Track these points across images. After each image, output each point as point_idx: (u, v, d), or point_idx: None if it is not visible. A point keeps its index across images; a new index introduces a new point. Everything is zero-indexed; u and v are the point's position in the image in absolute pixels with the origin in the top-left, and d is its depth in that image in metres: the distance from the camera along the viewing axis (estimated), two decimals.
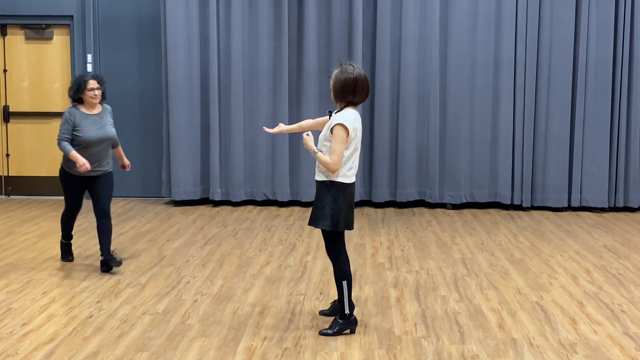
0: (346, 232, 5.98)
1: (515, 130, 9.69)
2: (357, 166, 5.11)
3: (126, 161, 6.94)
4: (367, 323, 5.29)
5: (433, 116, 9.68)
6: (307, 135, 5.07)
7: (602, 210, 9.75)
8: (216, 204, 9.99)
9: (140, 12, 10.17)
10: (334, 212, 4.98)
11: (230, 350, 4.81)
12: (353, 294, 5.97)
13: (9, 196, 10.46)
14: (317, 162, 5.03)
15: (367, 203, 10.02)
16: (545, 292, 6.12)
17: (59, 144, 6.45)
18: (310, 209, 9.66)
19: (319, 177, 5.05)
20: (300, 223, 8.84)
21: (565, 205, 9.75)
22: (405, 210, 9.74)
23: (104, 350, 4.79)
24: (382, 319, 5.42)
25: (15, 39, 10.32)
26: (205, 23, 9.75)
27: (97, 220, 6.60)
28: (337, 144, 4.91)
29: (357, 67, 5.00)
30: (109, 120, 6.65)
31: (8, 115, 10.37)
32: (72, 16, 10.11)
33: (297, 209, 9.76)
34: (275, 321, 5.37)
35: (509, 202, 9.78)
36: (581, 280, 6.47)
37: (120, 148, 6.90)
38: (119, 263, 6.57)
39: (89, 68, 10.09)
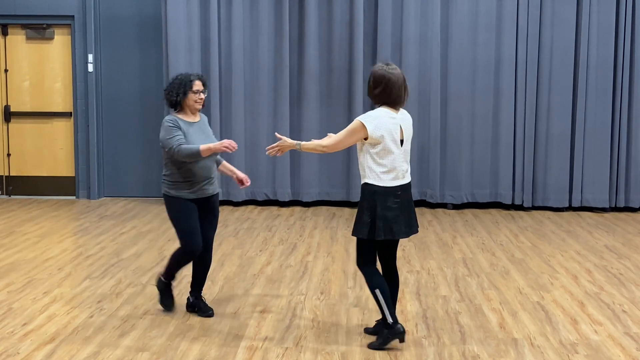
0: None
1: (516, 130, 9.68)
2: (397, 169, 4.77)
3: (241, 174, 5.55)
4: (367, 323, 5.29)
5: (434, 116, 9.68)
6: (281, 138, 4.91)
7: (603, 210, 9.74)
8: None
9: (141, 12, 10.17)
10: (371, 218, 4.72)
11: (231, 350, 4.81)
12: (355, 294, 5.97)
13: (10, 196, 10.46)
14: (360, 168, 4.85)
15: None
16: (546, 292, 6.12)
17: (179, 152, 5.12)
18: (311, 209, 9.68)
19: (361, 181, 4.86)
20: (301, 223, 8.83)
21: (566, 205, 9.74)
22: None
23: (105, 350, 4.79)
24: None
25: (16, 38, 10.32)
26: (206, 23, 9.75)
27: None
28: (343, 132, 4.80)
29: (385, 66, 4.81)
30: (210, 129, 5.55)
31: (9, 115, 10.38)
32: (73, 16, 10.11)
33: (297, 208, 9.75)
34: (276, 321, 5.37)
35: (510, 202, 9.78)
36: (582, 281, 6.47)
37: (226, 162, 5.70)
38: (209, 310, 5.52)
39: (90, 68, 10.09)
